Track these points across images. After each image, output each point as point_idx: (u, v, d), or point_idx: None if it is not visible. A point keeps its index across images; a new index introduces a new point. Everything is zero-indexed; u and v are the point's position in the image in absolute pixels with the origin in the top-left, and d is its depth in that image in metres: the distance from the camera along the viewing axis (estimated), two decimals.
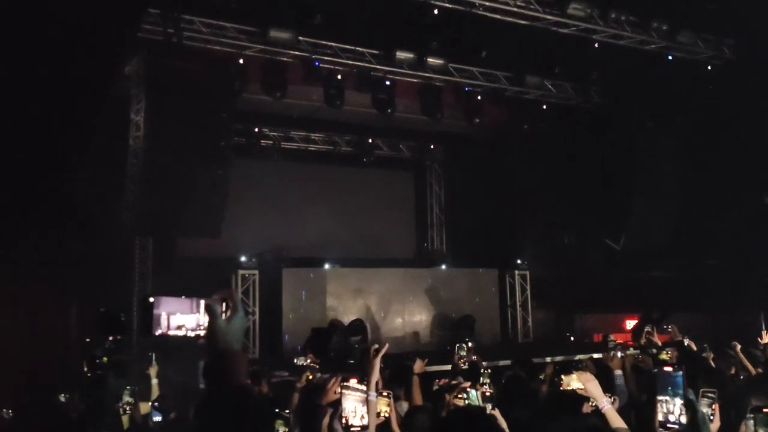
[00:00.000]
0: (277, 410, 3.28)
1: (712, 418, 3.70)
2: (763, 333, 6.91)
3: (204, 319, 1.73)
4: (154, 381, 5.46)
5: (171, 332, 1.72)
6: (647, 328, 7.73)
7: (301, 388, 5.26)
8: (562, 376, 3.91)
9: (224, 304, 1.76)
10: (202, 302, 1.76)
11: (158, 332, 1.68)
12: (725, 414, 3.88)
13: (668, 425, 3.25)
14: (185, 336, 1.73)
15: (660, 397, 3.31)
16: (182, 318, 1.73)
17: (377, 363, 3.41)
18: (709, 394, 3.85)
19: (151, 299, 1.71)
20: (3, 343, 9.00)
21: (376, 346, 3.49)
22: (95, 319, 2.05)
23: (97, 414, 1.85)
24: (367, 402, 3.25)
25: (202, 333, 1.73)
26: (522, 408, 4.30)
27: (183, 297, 1.76)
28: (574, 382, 3.88)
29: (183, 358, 9.87)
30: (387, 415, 3.42)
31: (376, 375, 3.38)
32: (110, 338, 2.05)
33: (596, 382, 3.75)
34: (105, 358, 2.05)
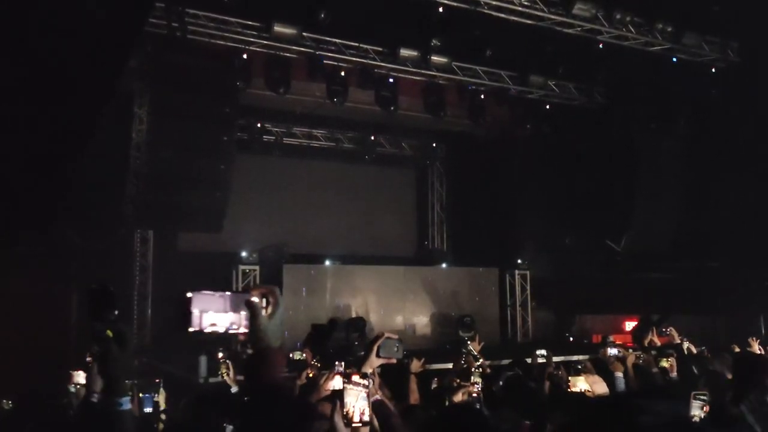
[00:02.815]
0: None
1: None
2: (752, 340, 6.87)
3: (242, 319, 1.72)
4: (163, 407, 5.37)
5: (206, 330, 1.71)
6: (650, 330, 7.75)
7: (301, 385, 5.25)
8: (569, 378, 3.91)
9: (264, 300, 1.76)
10: (235, 296, 1.74)
11: (192, 329, 1.69)
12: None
13: None
14: (218, 333, 1.72)
15: None
16: (215, 316, 1.72)
17: (374, 350, 3.39)
18: (701, 397, 3.86)
19: (189, 294, 1.71)
20: (3, 334, 9.03)
21: (378, 334, 3.46)
22: (88, 297, 2.01)
23: (113, 389, 1.84)
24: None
25: (238, 331, 1.72)
26: (519, 409, 4.29)
27: (219, 293, 1.74)
28: (580, 383, 3.88)
29: (182, 353, 9.92)
30: None
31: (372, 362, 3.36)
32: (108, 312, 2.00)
33: (603, 383, 3.77)
34: (108, 331, 2.00)
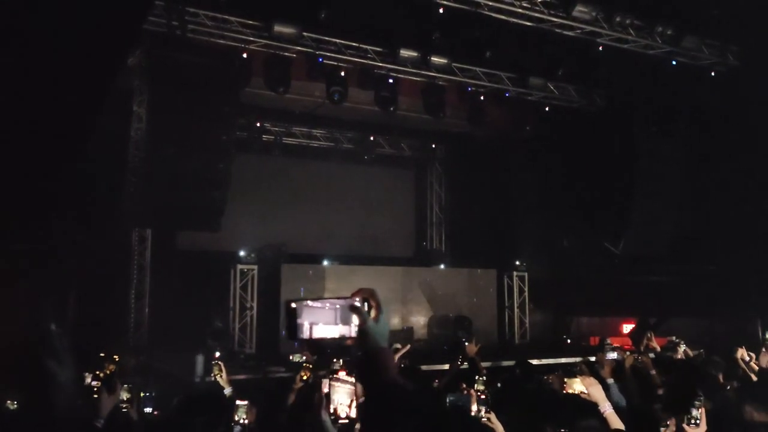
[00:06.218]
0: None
1: (698, 422, 3.73)
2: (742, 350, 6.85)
3: (351, 331, 1.80)
4: None
5: (314, 338, 1.82)
6: (648, 334, 7.74)
7: (297, 388, 5.23)
8: (565, 379, 3.93)
9: (366, 304, 1.82)
10: (340, 304, 1.82)
11: (301, 337, 1.80)
12: (714, 419, 3.89)
13: None
14: (325, 339, 1.82)
15: None
16: (324, 329, 1.81)
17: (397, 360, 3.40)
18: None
19: (294, 305, 1.81)
20: (2, 333, 9.00)
21: (398, 346, 3.48)
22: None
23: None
24: None
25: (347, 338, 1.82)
26: (518, 410, 4.30)
27: (324, 302, 1.83)
28: (576, 385, 3.90)
29: (178, 352, 9.93)
30: None
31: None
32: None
33: (599, 386, 3.78)
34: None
